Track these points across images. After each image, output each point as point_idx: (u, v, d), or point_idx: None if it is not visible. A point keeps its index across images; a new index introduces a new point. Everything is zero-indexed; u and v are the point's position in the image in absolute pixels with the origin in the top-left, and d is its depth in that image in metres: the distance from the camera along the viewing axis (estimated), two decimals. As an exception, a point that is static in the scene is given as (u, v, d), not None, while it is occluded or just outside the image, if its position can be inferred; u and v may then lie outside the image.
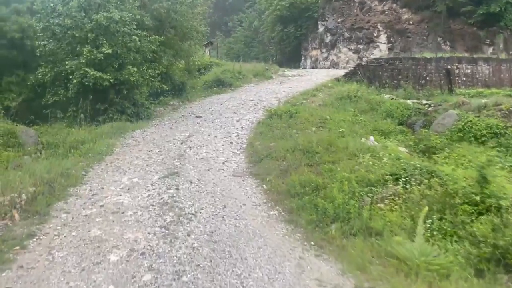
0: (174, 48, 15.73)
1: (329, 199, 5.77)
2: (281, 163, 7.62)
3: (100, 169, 7.76)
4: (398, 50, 31.54)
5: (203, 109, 14.85)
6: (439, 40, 31.37)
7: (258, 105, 15.15)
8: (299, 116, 11.54)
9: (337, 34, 35.68)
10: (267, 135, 10.08)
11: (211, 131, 11.29)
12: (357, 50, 33.91)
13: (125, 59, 12.17)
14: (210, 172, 7.72)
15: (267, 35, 44.47)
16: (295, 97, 16.00)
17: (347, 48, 34.63)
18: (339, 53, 35.35)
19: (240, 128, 11.64)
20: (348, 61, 34.69)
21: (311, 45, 39.23)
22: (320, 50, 37.61)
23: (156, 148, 9.40)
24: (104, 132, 10.19)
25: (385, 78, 17.33)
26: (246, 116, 13.39)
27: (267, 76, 22.18)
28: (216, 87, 19.09)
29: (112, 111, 12.01)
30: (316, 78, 21.83)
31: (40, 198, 5.89)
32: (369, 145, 8.21)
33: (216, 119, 13.04)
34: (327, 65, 36.23)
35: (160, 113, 14.06)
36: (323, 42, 37.11)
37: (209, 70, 23.24)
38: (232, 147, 9.68)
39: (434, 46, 29.81)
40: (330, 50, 36.33)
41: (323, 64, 37.04)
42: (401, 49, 31.68)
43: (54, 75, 12.16)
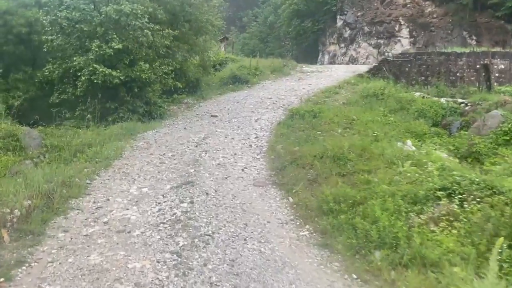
0: (188, 43, 14.93)
1: (370, 218, 4.86)
2: (308, 172, 6.73)
3: (106, 177, 7.00)
4: (421, 45, 30.23)
5: (219, 108, 14.03)
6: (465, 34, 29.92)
7: (276, 104, 14.27)
8: (323, 116, 10.61)
9: (356, 29, 34.44)
10: (290, 137, 9.19)
11: (227, 132, 10.46)
12: (378, 45, 32.65)
13: (137, 54, 11.41)
14: (228, 180, 6.88)
15: (283, 30, 43.42)
16: (316, 95, 15.05)
17: (367, 43, 33.38)
18: (359, 48, 34.12)
19: (259, 129, 10.78)
20: (368, 56, 33.46)
21: (329, 40, 38.05)
22: (339, 45, 36.41)
23: (169, 152, 8.61)
24: (113, 134, 9.46)
25: (412, 74, 16.21)
26: (265, 115, 12.53)
27: (285, 72, 21.23)
28: (232, 84, 18.24)
29: (122, 110, 11.28)
30: (337, 74, 20.80)
31: (35, 214, 5.14)
32: (407, 151, 7.25)
33: (233, 119, 12.20)
34: (345, 61, 35.05)
35: (173, 112, 13.29)
36: (341, 37, 35.89)
37: (224, 66, 22.41)
38: (251, 151, 8.83)
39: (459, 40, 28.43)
40: (349, 45, 35.10)
41: (341, 59, 35.85)
42: (424, 43, 30.35)
43: (62, 72, 11.50)
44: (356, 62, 33.85)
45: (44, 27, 11.75)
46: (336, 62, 35.80)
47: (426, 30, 30.97)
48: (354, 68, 23.23)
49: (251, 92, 16.91)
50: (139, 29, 11.12)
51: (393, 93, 13.28)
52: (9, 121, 8.98)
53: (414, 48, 30.74)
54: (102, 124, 10.68)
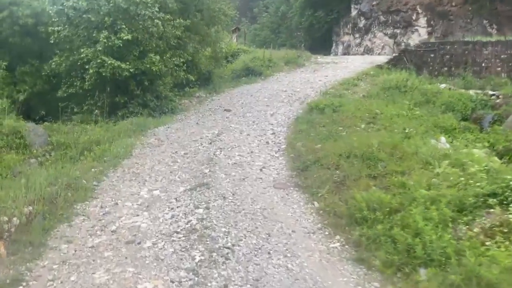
0: (200, 34, 14.33)
1: (412, 229, 4.26)
2: (334, 173, 6.13)
3: (115, 178, 6.50)
4: (439, 35, 29.14)
5: (232, 101, 13.45)
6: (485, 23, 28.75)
7: (292, 97, 13.63)
8: (344, 110, 9.96)
9: (371, 18, 33.38)
10: (310, 133, 8.59)
11: (242, 128, 9.89)
12: (394, 35, 31.58)
13: (147, 46, 10.86)
14: (246, 182, 6.33)
15: (296, 21, 42.43)
16: (334, 87, 14.36)
17: (383, 33, 32.31)
18: (374, 38, 33.08)
19: (275, 124, 10.18)
20: (384, 46, 32.44)
21: (343, 30, 37.04)
22: (353, 36, 35.40)
23: (182, 150, 8.08)
24: (122, 130, 8.95)
25: (435, 64, 15.39)
26: (281, 109, 11.91)
27: (300, 64, 20.51)
28: (245, 76, 17.61)
29: (132, 105, 10.78)
30: (353, 65, 20.02)
31: (36, 222, 4.66)
32: (443, 149, 6.60)
33: (247, 113, 11.62)
34: (360, 51, 34.08)
35: (185, 106, 12.75)
36: (356, 26, 34.87)
37: (236, 57, 21.78)
38: (268, 148, 8.26)
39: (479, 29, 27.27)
40: (364, 35, 34.07)
41: (356, 50, 34.88)
42: (442, 33, 29.20)
43: (69, 64, 11.01)
44: (371, 52, 32.88)
45: (50, 18, 11.24)
46: (350, 53, 34.86)
47: (444, 19, 29.79)
48: (370, 59, 22.40)
49: (265, 84, 16.28)
50: (149, 19, 10.56)
51: (416, 85, 12.53)
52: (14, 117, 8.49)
53: (432, 37, 29.69)
54: (111, 119, 10.20)
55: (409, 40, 30.48)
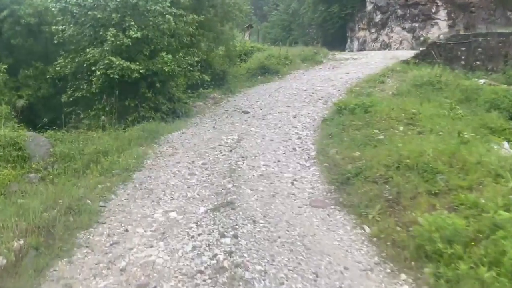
0: (214, 31, 13.40)
1: (507, 269, 3.27)
2: (383, 188, 5.14)
3: (125, 196, 5.61)
4: (460, 28, 27.80)
5: (250, 102, 12.52)
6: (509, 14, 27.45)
7: (314, 96, 12.64)
8: (376, 110, 8.93)
9: (388, 12, 32.13)
10: (342, 138, 7.60)
11: (264, 132, 8.95)
12: (412, 29, 30.31)
13: (158, 44, 9.98)
14: (276, 199, 5.38)
15: (308, 17, 41.28)
16: (358, 84, 13.33)
17: (400, 27, 31.05)
18: (391, 33, 31.83)
19: (300, 128, 9.22)
20: (402, 41, 31.18)
21: (358, 26, 35.78)
22: (369, 31, 34.17)
23: (199, 159, 7.17)
24: (133, 137, 8.07)
25: (467, 58, 14.24)
26: (303, 110, 10.94)
27: (317, 61, 19.49)
28: (261, 75, 16.68)
29: (143, 109, 9.90)
30: (375, 61, 18.93)
31: (28, 260, 3.78)
32: (510, 156, 5.56)
33: (267, 115, 10.67)
34: (376, 47, 32.86)
35: (200, 109, 11.85)
36: (372, 21, 33.63)
37: (250, 56, 20.84)
38: (296, 155, 7.29)
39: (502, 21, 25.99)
40: (380, 30, 32.84)
41: (372, 45, 33.66)
42: (464, 26, 27.88)
43: (75, 66, 10.20)
44: (388, 47, 31.65)
45: (54, 16, 10.47)
46: (366, 49, 33.68)
47: (465, 11, 28.48)
48: (391, 54, 21.25)
49: (283, 83, 15.32)
50: (160, 15, 9.66)
51: (451, 81, 11.43)
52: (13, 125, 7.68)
53: (453, 31, 28.40)
54: (120, 125, 9.32)
55: (429, 34, 29.21)
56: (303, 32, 47.34)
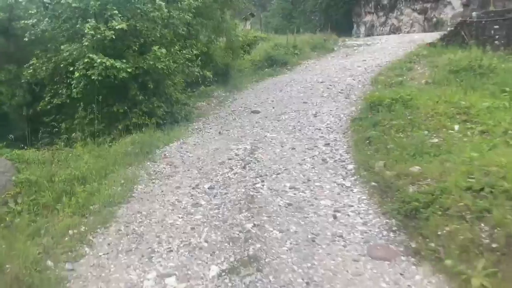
0: (214, 19, 11.71)
1: None
2: (478, 228, 3.49)
3: (104, 248, 4.00)
4: (476, 6, 25.85)
5: (259, 100, 10.87)
6: (528, -11, 25.50)
7: (332, 89, 10.99)
8: (418, 105, 7.27)
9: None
10: (386, 144, 5.94)
11: (282, 138, 7.32)
12: (424, 10, 28.38)
13: (149, 37, 8.34)
14: (319, 248, 3.76)
15: (311, 3, 39.35)
16: (381, 73, 11.64)
17: (411, 9, 29.13)
18: (401, 15, 29.92)
19: (325, 130, 7.59)
20: (413, 24, 29.26)
21: (365, 10, 33.85)
22: (376, 14, 32.28)
23: (204, 180, 5.57)
24: (120, 154, 6.46)
25: (503, 38, 12.45)
26: (324, 107, 9.30)
27: (328, 48, 17.77)
28: (268, 67, 15.01)
29: (135, 114, 8.28)
30: (391, 46, 17.20)
31: None
32: None
33: (282, 115, 9.04)
34: (386, 31, 30.97)
35: (202, 110, 10.22)
36: (379, 4, 31.73)
37: (253, 47, 19.15)
38: (329, 171, 5.66)
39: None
40: (389, 13, 30.94)
41: (380, 30, 31.78)
42: (479, 4, 25.91)
43: (52, 67, 8.60)
44: (399, 31, 29.79)
45: (27, 10, 8.82)
46: (374, 34, 31.83)
47: (482, -12, 26.50)
48: (408, 38, 19.51)
49: (294, 75, 13.65)
50: (149, 1, 8.01)
51: (496, 64, 9.69)
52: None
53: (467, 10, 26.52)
54: (107, 137, 7.73)
55: (442, 15, 27.35)
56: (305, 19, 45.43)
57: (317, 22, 40.45)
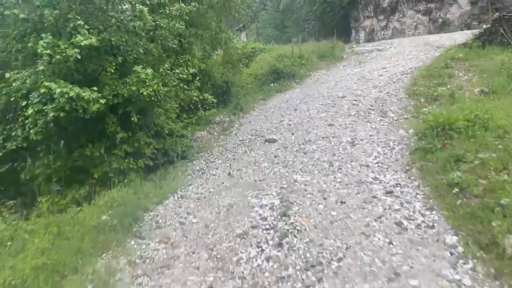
0: (209, 29, 9.70)
1: None
2: None
3: None
4: (484, 4, 24.23)
5: (272, 123, 8.83)
6: (537, -17, 23.96)
7: (359, 105, 8.99)
8: (503, 127, 5.24)
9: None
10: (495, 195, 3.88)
11: (320, 183, 5.25)
12: (428, 11, 26.66)
13: (129, 53, 6.27)
14: None
15: (305, 10, 37.64)
16: (417, 82, 9.66)
17: (414, 10, 27.40)
18: (403, 17, 28.19)
19: (376, 168, 5.52)
20: (417, 26, 27.50)
21: (363, 14, 32.16)
22: (376, 18, 30.55)
23: (220, 274, 3.47)
24: (90, 231, 4.31)
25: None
26: (359, 130, 7.28)
27: (337, 57, 15.83)
28: (273, 81, 13.02)
29: (116, 157, 6.19)
30: (408, 51, 15.29)
31: None
32: None
33: (307, 144, 7.00)
34: (387, 35, 29.23)
35: (204, 142, 8.14)
36: (379, 7, 30.03)
37: (252, 59, 17.20)
38: (417, 248, 3.58)
39: (530, -9, 22.53)
40: (390, 16, 29.21)
41: (381, 34, 30.04)
42: (488, 1, 24.31)
43: (5, 101, 6.49)
44: (402, 34, 28.06)
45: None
46: (375, 38, 30.18)
47: (489, -16, 24.92)
48: (422, 40, 17.63)
49: (306, 90, 11.65)
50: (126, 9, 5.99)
51: None
52: None
53: (476, 8, 24.99)
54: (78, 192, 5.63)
55: (448, 15, 25.68)
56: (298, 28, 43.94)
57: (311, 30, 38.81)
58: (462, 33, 17.96)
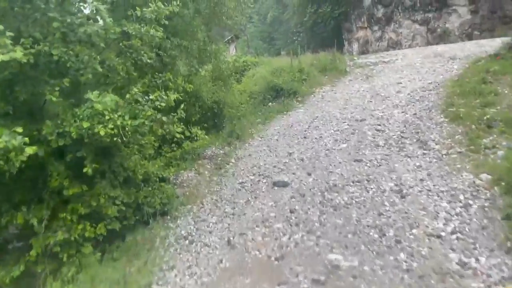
0: (197, 40, 7.78)
1: None
2: None
3: None
4: (485, 12, 23.03)
5: (278, 157, 6.91)
6: (538, -9, 22.93)
7: (386, 131, 7.15)
8: None
9: (392, 4, 27.15)
10: None
11: (376, 273, 3.35)
12: (426, 21, 25.28)
13: (81, 72, 4.27)
14: None
15: (294, 22, 36.08)
16: (452, 102, 7.85)
17: (411, 20, 26.00)
18: (399, 28, 26.76)
19: (456, 243, 3.66)
20: (414, 36, 26.08)
21: (356, 25, 30.68)
22: (370, 29, 29.09)
23: None
24: None
25: None
26: (400, 169, 5.43)
27: (340, 70, 14.06)
28: (272, 100, 11.15)
29: (61, 224, 4.18)
30: (419, 63, 13.64)
31: None
32: None
33: (333, 192, 5.09)
34: (383, 46, 27.78)
35: (192, 188, 6.11)
36: (373, 17, 28.60)
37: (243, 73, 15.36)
38: None
39: (531, -1, 21.47)
40: (385, 27, 27.77)
41: (376, 45, 28.58)
42: (490, 9, 23.10)
43: None
44: (398, 45, 26.67)
45: None
46: (370, 50, 28.74)
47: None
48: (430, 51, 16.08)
49: (312, 110, 9.81)
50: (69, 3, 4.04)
51: None
52: None
53: (477, 17, 23.82)
54: (3, 275, 3.60)
55: (447, 24, 24.41)
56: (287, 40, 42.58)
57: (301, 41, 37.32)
58: (473, 43, 16.49)
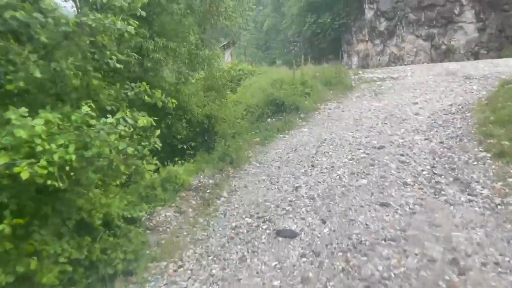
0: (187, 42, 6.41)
1: None
2: None
3: None
4: (493, 30, 22.17)
5: (281, 192, 5.54)
6: (546, 10, 22.26)
7: (412, 163, 5.89)
8: None
9: (395, 18, 26.20)
10: None
11: None
12: (430, 36, 24.33)
13: (2, 76, 2.88)
14: None
15: (292, 31, 35.00)
16: (485, 131, 6.59)
17: (414, 35, 25.02)
18: (402, 42, 25.77)
19: None
20: (417, 52, 25.10)
21: (357, 37, 29.70)
22: (371, 42, 28.09)
23: None
24: None
25: None
26: (444, 223, 4.14)
27: (346, 85, 12.81)
28: (271, 115, 9.81)
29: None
30: (432, 81, 12.43)
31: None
32: None
33: (360, 255, 3.75)
34: (384, 61, 26.78)
35: (170, 235, 4.68)
36: (374, 31, 27.60)
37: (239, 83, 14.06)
38: None
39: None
40: (387, 41, 26.78)
41: (377, 60, 27.57)
42: (497, 28, 22.24)
43: None
44: (400, 61, 25.70)
45: None
46: (370, 64, 27.76)
47: (497, 10, 22.92)
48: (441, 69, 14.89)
49: (318, 130, 8.49)
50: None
51: None
52: None
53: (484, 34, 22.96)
54: None
55: (452, 42, 23.47)
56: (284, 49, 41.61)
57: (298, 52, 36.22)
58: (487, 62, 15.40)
